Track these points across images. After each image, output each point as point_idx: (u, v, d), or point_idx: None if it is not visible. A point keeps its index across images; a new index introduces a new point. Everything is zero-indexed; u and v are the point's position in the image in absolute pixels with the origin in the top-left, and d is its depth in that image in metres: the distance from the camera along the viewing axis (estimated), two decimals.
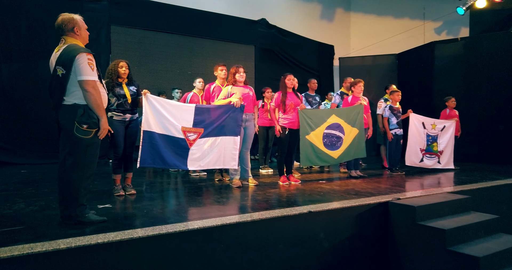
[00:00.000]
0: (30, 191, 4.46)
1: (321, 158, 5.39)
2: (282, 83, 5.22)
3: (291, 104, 5.12)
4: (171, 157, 4.45)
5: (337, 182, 5.46)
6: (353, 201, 3.88)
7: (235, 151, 4.74)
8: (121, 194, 4.23)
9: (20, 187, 4.74)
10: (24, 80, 7.55)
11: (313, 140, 5.29)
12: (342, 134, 5.54)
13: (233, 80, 4.97)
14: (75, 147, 2.90)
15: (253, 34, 10.41)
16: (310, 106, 6.78)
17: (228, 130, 4.73)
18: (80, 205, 2.96)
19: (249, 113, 4.96)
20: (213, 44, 9.81)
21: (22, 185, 4.92)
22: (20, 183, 5.05)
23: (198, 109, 4.60)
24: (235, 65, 5.00)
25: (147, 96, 4.30)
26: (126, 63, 4.34)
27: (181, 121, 4.50)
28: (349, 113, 5.60)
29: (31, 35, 7.61)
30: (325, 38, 12.22)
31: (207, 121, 4.63)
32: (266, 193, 4.47)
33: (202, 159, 4.63)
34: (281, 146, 5.19)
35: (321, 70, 12.06)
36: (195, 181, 5.49)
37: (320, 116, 5.39)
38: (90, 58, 2.91)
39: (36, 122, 7.55)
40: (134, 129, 4.33)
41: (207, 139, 4.64)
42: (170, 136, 4.45)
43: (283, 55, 11.08)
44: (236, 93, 4.87)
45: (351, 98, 5.86)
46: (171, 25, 9.12)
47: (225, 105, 4.76)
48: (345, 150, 5.57)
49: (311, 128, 5.27)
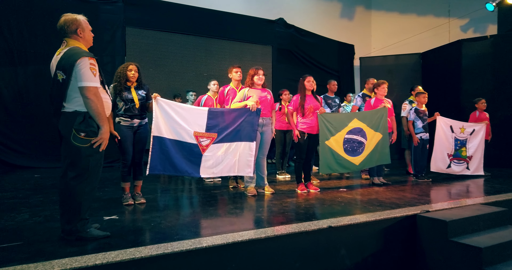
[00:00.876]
0: (38, 199, 4.30)
1: (342, 165, 5.07)
2: (300, 85, 4.93)
3: (310, 108, 4.83)
4: (183, 164, 4.22)
5: (359, 190, 5.14)
6: (377, 214, 3.56)
7: (251, 158, 4.48)
8: (130, 203, 4.03)
9: (29, 194, 4.60)
10: (40, 83, 7.46)
11: (333, 146, 4.98)
12: (364, 139, 5.21)
13: (250, 82, 4.71)
14: (76, 158, 2.70)
15: (270, 34, 10.15)
16: (329, 108, 6.46)
17: (244, 135, 4.48)
18: (81, 219, 2.75)
19: (266, 118, 4.69)
20: (229, 45, 9.60)
21: (32, 191, 4.78)
22: (30, 190, 4.91)
23: (211, 113, 4.36)
24: (255, 67, 4.74)
25: (157, 100, 4.09)
26: (136, 66, 4.14)
27: (193, 126, 4.27)
28: (372, 117, 5.26)
29: (46, 38, 7.53)
30: (345, 38, 11.86)
31: (221, 126, 4.39)
32: (283, 203, 4.19)
33: (215, 166, 4.38)
34: (299, 152, 4.90)
35: (341, 71, 11.71)
36: (209, 188, 5.26)
37: (340, 120, 5.08)
38: (92, 63, 2.70)
39: (52, 126, 7.39)
40: (143, 134, 4.13)
41: (221, 145, 4.40)
42: (182, 142, 4.22)
43: (301, 56, 10.78)
44: (253, 96, 4.61)
45: (374, 101, 5.52)
46: (187, 26, 8.94)
47: (240, 109, 4.51)
48: (368, 156, 5.23)
49: (331, 133, 4.96)
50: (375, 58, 11.05)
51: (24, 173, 6.58)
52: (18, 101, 7.37)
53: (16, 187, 5.14)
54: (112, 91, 4.04)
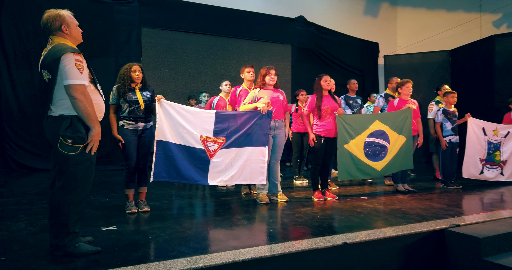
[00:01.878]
0: (41, 205, 4.13)
1: (362, 171, 4.70)
2: (316, 85, 4.60)
3: (327, 109, 4.49)
4: (189, 171, 3.97)
5: (381, 198, 4.74)
6: (400, 228, 3.19)
7: (263, 164, 4.18)
8: (133, 212, 3.80)
9: (34, 200, 4.45)
10: None
11: (353, 150, 4.61)
12: (386, 142, 4.81)
13: (261, 83, 4.42)
14: (63, 166, 2.47)
15: (290, 33, 9.81)
16: (350, 109, 6.09)
17: (255, 139, 4.18)
18: (70, 233, 2.52)
19: (278, 120, 4.38)
20: (247, 45, 9.33)
21: (38, 196, 4.64)
22: (38, 194, 4.77)
23: (219, 116, 4.08)
24: (266, 66, 4.44)
25: (161, 102, 3.85)
26: (140, 67, 3.91)
27: (200, 130, 4.01)
28: (395, 119, 4.86)
29: None
30: (369, 35, 11.38)
31: (229, 130, 4.11)
32: (296, 213, 3.86)
33: (224, 172, 4.10)
34: (315, 157, 4.56)
35: (364, 70, 11.25)
36: (221, 194, 4.98)
37: (361, 122, 4.71)
38: (78, 59, 2.45)
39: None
40: (148, 138, 3.89)
41: (230, 150, 4.11)
42: (188, 147, 3.97)
43: (322, 54, 10.39)
44: (264, 97, 4.31)
45: (397, 101, 5.11)
46: (204, 26, 8.72)
47: (250, 111, 4.21)
48: (390, 161, 4.84)
49: (351, 136, 4.60)
50: (401, 56, 10.53)
51: (39, 175, 6.51)
52: (35, 103, 7.33)
53: (25, 191, 5.02)
54: (115, 93, 3.83)
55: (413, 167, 5.01)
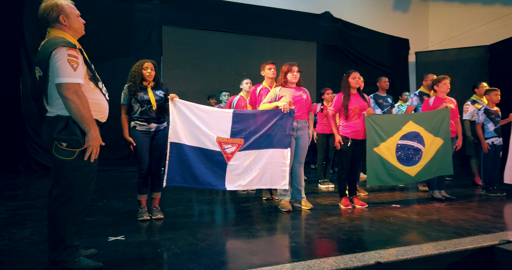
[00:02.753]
0: None
1: (394, 176, 4.29)
2: (344, 83, 4.22)
3: (355, 108, 4.11)
4: (205, 175, 3.68)
5: (416, 206, 4.31)
6: (442, 245, 2.79)
7: (285, 167, 3.85)
8: (145, 219, 3.55)
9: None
10: None
11: (384, 154, 4.21)
12: (421, 145, 4.38)
13: (283, 80, 4.09)
14: (60, 173, 2.22)
15: (315, 29, 9.41)
16: (380, 109, 5.67)
17: (276, 141, 3.85)
18: (67, 247, 2.27)
19: (301, 120, 4.03)
20: (270, 42, 9.00)
21: None
22: None
23: (237, 116, 3.78)
24: (288, 63, 4.11)
25: (174, 102, 3.58)
26: (152, 64, 3.65)
27: (216, 131, 3.72)
28: (431, 119, 4.43)
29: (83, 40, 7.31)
30: (399, 31, 10.82)
31: (248, 131, 3.80)
32: (322, 223, 3.51)
33: (243, 177, 3.79)
34: (342, 161, 4.19)
35: (394, 67, 10.72)
36: (241, 199, 4.68)
37: (393, 123, 4.30)
38: (72, 54, 2.17)
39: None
40: (161, 140, 3.62)
41: (249, 153, 3.80)
42: (203, 149, 3.68)
43: (349, 52, 9.94)
44: (286, 95, 3.98)
45: (433, 100, 4.66)
46: (225, 23, 8.46)
47: (270, 111, 3.89)
48: (426, 165, 4.40)
49: (381, 139, 4.20)
50: (434, 52, 9.95)
51: None
52: None
53: (40, 193, 4.88)
54: (126, 93, 3.59)
55: (452, 173, 4.55)
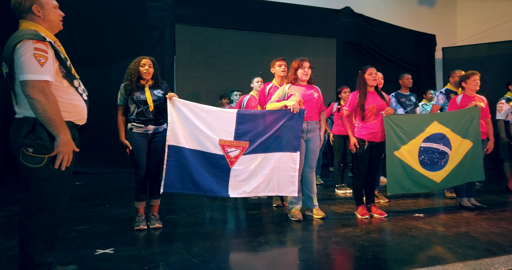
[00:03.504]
0: None
1: (417, 183, 3.88)
2: (360, 80, 3.86)
3: (372, 108, 3.74)
4: (206, 180, 3.39)
5: (442, 217, 3.89)
6: (471, 266, 2.40)
7: (294, 172, 3.52)
8: (142, 228, 3.29)
9: None
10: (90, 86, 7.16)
11: (405, 158, 3.82)
12: (447, 148, 3.96)
13: (293, 78, 3.76)
14: (27, 182, 1.98)
15: (334, 26, 9.00)
16: (402, 109, 5.25)
17: (284, 143, 3.53)
18: (37, 266, 2.03)
19: (312, 122, 3.69)
20: (287, 39, 8.65)
21: None
22: None
23: (241, 116, 3.47)
24: (299, 58, 3.78)
25: (173, 101, 3.31)
26: (151, 61, 3.40)
27: (219, 133, 3.43)
28: (458, 119, 4.00)
29: (96, 40, 7.22)
30: (425, 27, 10.26)
31: (253, 132, 3.48)
32: (334, 235, 3.16)
33: (247, 183, 3.48)
34: (358, 166, 3.82)
35: (419, 65, 10.19)
36: (249, 206, 4.37)
37: (415, 124, 3.89)
38: (40, 48, 1.92)
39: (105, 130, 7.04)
40: (160, 144, 3.36)
41: (255, 156, 3.49)
42: (205, 152, 3.40)
43: (371, 48, 9.47)
44: (295, 94, 3.65)
45: (461, 98, 4.22)
46: (241, 20, 8.16)
47: (278, 111, 3.57)
48: (453, 170, 3.97)
49: (402, 141, 3.80)
50: (463, 48, 9.35)
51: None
52: None
53: None
54: (122, 92, 3.36)
55: (484, 179, 4.10)
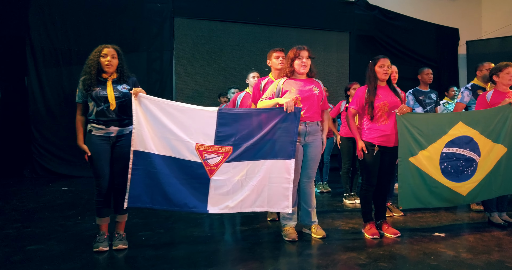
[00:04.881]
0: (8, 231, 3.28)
1: (438, 195, 3.23)
2: (369, 73, 3.25)
3: (383, 106, 3.11)
4: (181, 193, 2.84)
5: (467, 237, 3.21)
6: None
7: (288, 184, 2.93)
8: (101, 250, 2.76)
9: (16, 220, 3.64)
10: None
11: (423, 165, 3.17)
12: (476, 154, 3.30)
13: (289, 70, 3.16)
14: None
15: (348, 18, 8.38)
16: (421, 108, 4.61)
17: (276, 149, 2.94)
18: None
19: (312, 122, 3.09)
20: (297, 34, 8.08)
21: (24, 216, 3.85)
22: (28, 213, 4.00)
23: (223, 116, 2.90)
24: (296, 47, 3.17)
25: (139, 98, 2.77)
26: (114, 50, 2.87)
27: (196, 136, 2.86)
28: (489, 120, 3.32)
29: (91, 35, 6.80)
30: (447, 20, 9.58)
31: (238, 136, 2.91)
32: (332, 263, 2.56)
33: (231, 197, 2.91)
34: (366, 176, 3.20)
35: (440, 61, 9.49)
36: (241, 219, 3.78)
37: (436, 124, 3.23)
38: None
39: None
40: (126, 148, 2.82)
41: (239, 164, 2.91)
42: (179, 160, 2.84)
43: (388, 43, 8.80)
44: (291, 90, 3.06)
45: (491, 95, 3.53)
46: (246, 13, 7.62)
47: (269, 110, 2.98)
48: (482, 181, 3.31)
49: (420, 145, 3.16)
50: (489, 41, 8.59)
51: (57, 184, 5.84)
52: (64, 105, 6.76)
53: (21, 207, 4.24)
54: (81, 87, 2.85)
55: None
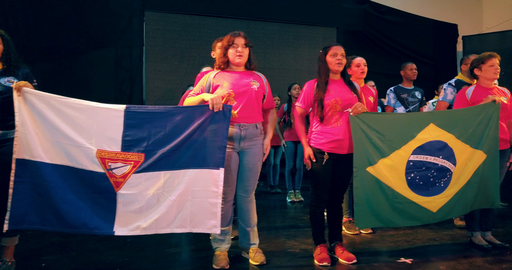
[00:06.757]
0: None
1: (403, 213, 2.65)
2: (320, 64, 2.68)
3: (334, 104, 2.55)
4: (81, 211, 2.30)
5: (438, 264, 2.62)
6: None
7: (216, 199, 2.38)
8: None
9: None
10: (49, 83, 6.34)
11: (384, 176, 2.59)
12: (450, 163, 2.71)
13: (221, 61, 2.63)
14: None
15: (335, 12, 7.84)
16: (404, 107, 4.07)
17: (200, 157, 2.39)
18: None
19: (249, 125, 2.53)
20: (280, 29, 7.57)
21: None
22: None
23: (132, 116, 2.35)
24: (230, 33, 2.64)
25: (23, 94, 2.25)
26: None
27: (97, 140, 2.32)
28: (467, 121, 2.74)
29: (54, 31, 6.36)
30: (445, 15, 9.07)
31: (152, 139, 2.36)
32: None
33: (145, 215, 2.36)
34: (316, 189, 2.63)
35: (438, 58, 8.94)
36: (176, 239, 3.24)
37: (401, 126, 2.66)
38: None
39: None
40: (10, 156, 2.29)
41: (154, 175, 2.37)
42: (76, 170, 2.31)
43: (379, 39, 8.25)
44: (223, 84, 2.53)
45: (472, 91, 2.95)
46: (225, 7, 7.11)
47: (190, 108, 2.45)
48: (457, 195, 2.72)
49: (380, 152, 2.58)
50: (487, 36, 7.98)
51: None
52: None
53: None
54: None
55: (499, 206, 2.85)
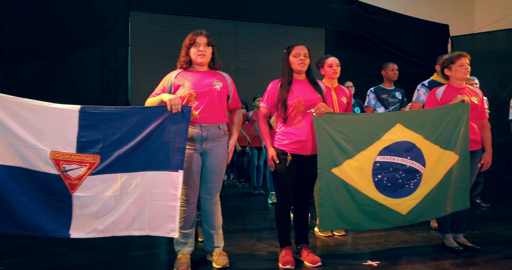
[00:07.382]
0: None
1: (371, 215, 2.58)
2: (283, 63, 2.63)
3: (297, 104, 2.49)
4: (35, 213, 2.25)
5: (403, 267, 2.57)
6: None
7: (174, 202, 2.32)
8: None
9: None
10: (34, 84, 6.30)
11: (350, 178, 2.53)
12: (419, 164, 2.65)
13: (183, 60, 2.62)
14: None
15: (324, 13, 7.80)
16: (383, 108, 4.02)
17: (159, 158, 2.34)
18: None
19: (211, 125, 2.47)
20: (268, 29, 7.54)
21: None
22: None
23: (87, 116, 2.29)
24: (192, 32, 2.63)
25: None
26: None
27: (51, 141, 2.27)
28: (436, 121, 2.68)
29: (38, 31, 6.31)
30: (436, 16, 9.00)
31: (108, 141, 2.30)
32: None
33: (102, 217, 2.31)
34: (280, 191, 2.58)
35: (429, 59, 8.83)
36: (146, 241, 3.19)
37: (366, 127, 2.60)
38: None
39: None
40: None
41: (111, 178, 2.31)
42: (30, 171, 2.25)
43: (368, 39, 8.20)
44: (185, 84, 2.48)
45: (443, 91, 2.88)
46: (209, 6, 7.05)
47: (148, 109, 2.40)
48: (427, 197, 2.66)
49: (345, 153, 2.52)
50: (477, 36, 7.91)
51: None
52: None
53: None
54: None
55: (469, 207, 2.80)
